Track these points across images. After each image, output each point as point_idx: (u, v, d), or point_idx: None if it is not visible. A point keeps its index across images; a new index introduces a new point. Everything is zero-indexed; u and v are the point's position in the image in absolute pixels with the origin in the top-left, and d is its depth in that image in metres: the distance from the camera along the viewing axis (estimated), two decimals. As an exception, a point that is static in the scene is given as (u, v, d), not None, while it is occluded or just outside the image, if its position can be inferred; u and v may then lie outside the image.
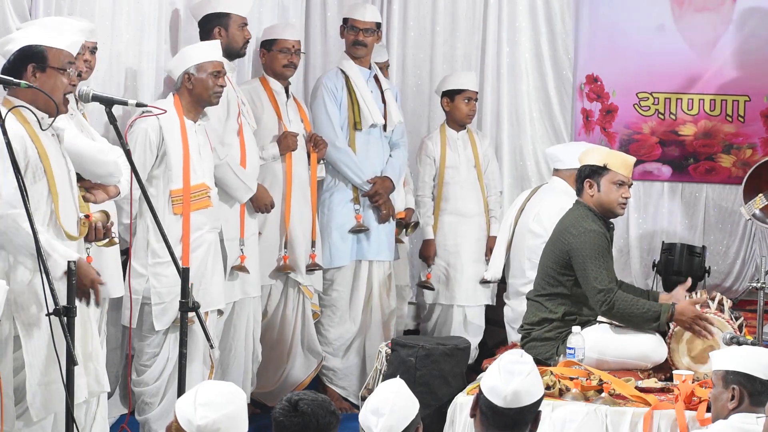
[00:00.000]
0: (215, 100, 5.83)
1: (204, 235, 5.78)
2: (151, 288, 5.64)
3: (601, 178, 5.65)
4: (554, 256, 5.65)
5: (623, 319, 5.52)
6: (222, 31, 6.24)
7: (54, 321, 4.00)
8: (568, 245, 5.56)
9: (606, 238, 5.60)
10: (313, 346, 6.89)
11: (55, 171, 4.41)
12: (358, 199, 6.92)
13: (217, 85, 5.79)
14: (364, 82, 6.95)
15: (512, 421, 3.51)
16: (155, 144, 5.66)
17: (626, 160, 5.70)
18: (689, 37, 8.15)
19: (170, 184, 5.68)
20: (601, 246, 5.54)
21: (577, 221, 5.62)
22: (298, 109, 6.81)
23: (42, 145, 4.38)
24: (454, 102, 7.32)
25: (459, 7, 8.18)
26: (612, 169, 5.63)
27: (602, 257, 5.52)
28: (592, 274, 5.48)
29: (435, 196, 7.34)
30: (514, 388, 3.49)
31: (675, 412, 4.91)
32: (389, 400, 3.62)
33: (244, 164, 6.19)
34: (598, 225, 5.60)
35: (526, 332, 5.74)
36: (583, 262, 5.50)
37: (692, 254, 7.42)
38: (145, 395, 5.74)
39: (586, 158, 5.76)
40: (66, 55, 4.46)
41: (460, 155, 7.35)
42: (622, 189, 5.65)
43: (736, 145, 8.16)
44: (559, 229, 5.71)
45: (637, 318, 5.49)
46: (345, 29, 7.01)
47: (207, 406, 3.36)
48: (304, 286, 6.74)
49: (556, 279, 5.64)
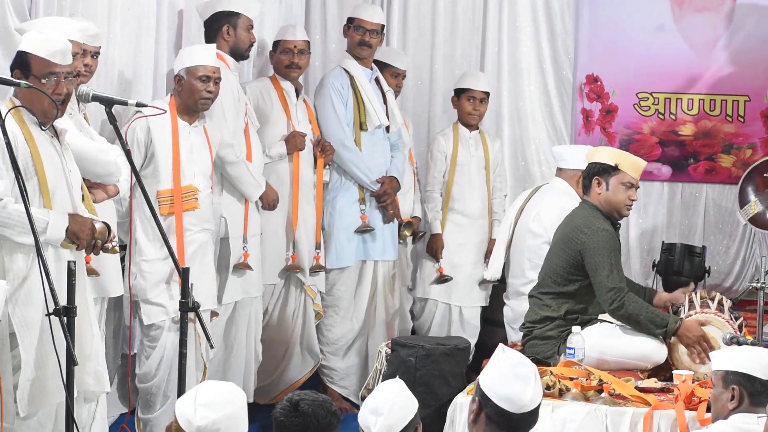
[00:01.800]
0: (201, 106, 5.79)
1: (192, 235, 5.77)
2: (136, 285, 5.65)
3: (610, 178, 5.64)
4: (565, 255, 5.64)
5: (630, 321, 5.52)
6: (230, 30, 6.25)
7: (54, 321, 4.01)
8: (582, 244, 5.56)
9: (617, 238, 5.61)
10: (312, 347, 6.89)
11: (48, 172, 4.42)
12: (364, 199, 6.92)
13: (204, 91, 5.74)
14: (367, 82, 6.96)
15: (525, 424, 3.50)
16: (143, 144, 5.66)
17: (637, 163, 5.71)
18: (689, 37, 8.15)
19: (157, 185, 5.68)
20: (614, 245, 5.56)
21: (588, 221, 5.61)
22: (307, 110, 6.82)
23: (36, 146, 4.39)
24: (459, 101, 7.34)
25: (459, 7, 8.17)
26: (623, 169, 5.63)
27: (614, 256, 5.53)
28: (604, 272, 5.49)
29: (444, 193, 7.34)
30: (531, 396, 3.47)
31: (675, 412, 4.91)
32: (388, 399, 3.62)
33: (250, 162, 6.22)
34: (608, 224, 5.61)
35: (528, 330, 5.74)
36: (596, 260, 5.51)
37: (692, 254, 7.42)
38: (143, 392, 5.75)
39: (596, 156, 5.75)
40: (47, 64, 4.42)
41: (472, 155, 7.34)
42: (630, 191, 5.65)
43: (736, 145, 8.16)
44: (569, 228, 5.68)
45: (644, 323, 5.50)
46: (350, 29, 7.00)
47: (207, 407, 3.37)
48: (307, 285, 6.75)
49: (566, 278, 5.63)
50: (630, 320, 5.53)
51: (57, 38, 4.49)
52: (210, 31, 6.29)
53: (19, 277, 4.37)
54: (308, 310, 6.84)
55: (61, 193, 4.48)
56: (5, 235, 4.33)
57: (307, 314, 6.85)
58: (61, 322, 3.97)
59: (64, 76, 4.45)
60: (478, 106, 7.34)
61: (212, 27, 6.28)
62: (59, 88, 4.44)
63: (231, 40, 6.25)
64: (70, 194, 4.54)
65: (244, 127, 6.28)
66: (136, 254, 5.67)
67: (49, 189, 4.42)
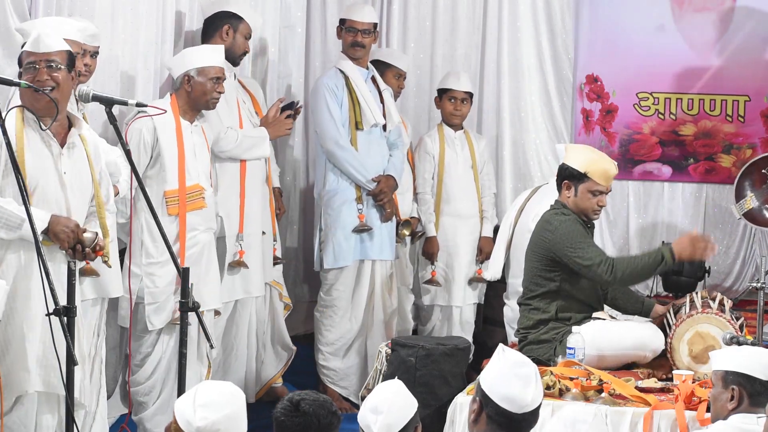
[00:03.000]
0: (212, 105, 5.84)
1: (198, 235, 5.78)
2: (144, 288, 5.65)
3: (579, 184, 5.66)
4: (537, 256, 5.69)
5: (632, 277, 5.60)
6: (230, 31, 6.29)
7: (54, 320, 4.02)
8: (549, 242, 5.61)
9: (580, 222, 5.62)
10: (284, 340, 6.88)
11: (30, 170, 4.45)
12: (361, 198, 6.92)
13: (215, 91, 5.79)
14: (363, 81, 6.95)
15: (526, 423, 3.51)
16: (149, 144, 5.66)
17: (608, 171, 5.66)
18: (689, 37, 8.15)
19: (164, 185, 5.68)
20: (577, 230, 5.58)
21: (551, 217, 5.67)
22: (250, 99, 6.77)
23: (22, 142, 4.41)
24: (441, 101, 7.36)
25: (459, 7, 8.17)
26: (592, 177, 5.64)
27: (582, 237, 5.57)
28: (578, 257, 5.52)
29: (434, 194, 7.35)
30: (533, 396, 3.48)
31: (675, 412, 4.90)
32: (388, 399, 3.63)
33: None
34: (571, 216, 5.63)
35: (523, 336, 5.75)
36: (567, 252, 5.55)
37: (692, 254, 7.41)
38: (138, 394, 5.76)
39: (570, 157, 5.75)
40: (27, 55, 4.51)
41: (458, 154, 7.37)
42: (599, 197, 5.67)
43: (736, 145, 8.16)
44: (536, 233, 5.76)
45: (644, 269, 5.56)
46: (342, 30, 7.01)
47: (207, 407, 3.36)
48: (272, 280, 6.72)
49: (544, 278, 5.67)
50: (632, 277, 5.60)
51: (36, 29, 4.54)
52: (209, 29, 6.30)
53: (8, 274, 4.40)
54: (275, 303, 6.84)
55: (42, 191, 4.50)
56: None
57: (275, 307, 6.83)
58: (61, 322, 3.97)
59: (45, 64, 4.47)
60: (460, 107, 7.34)
61: (213, 24, 6.29)
62: (38, 74, 4.48)
63: (228, 41, 6.27)
64: (65, 195, 4.54)
65: (238, 123, 6.33)
66: (143, 256, 5.66)
67: (29, 186, 4.42)
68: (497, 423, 3.49)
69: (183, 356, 4.53)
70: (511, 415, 3.47)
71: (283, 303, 6.91)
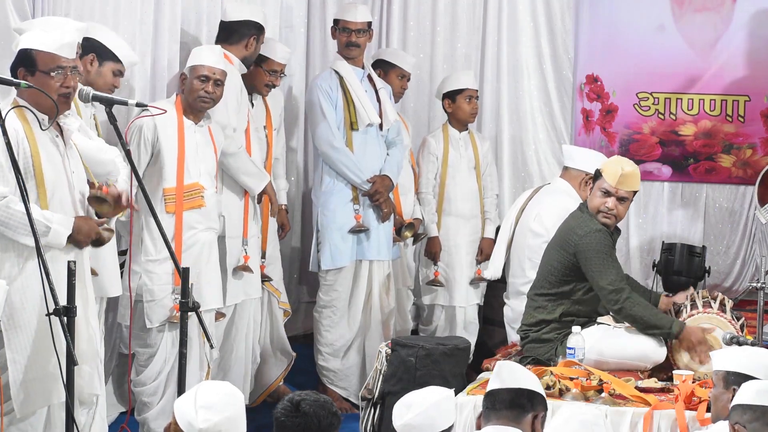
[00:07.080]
0: (199, 105, 5.79)
1: (197, 234, 5.78)
2: (143, 285, 5.65)
3: (595, 182, 5.68)
4: (559, 257, 5.65)
5: (634, 321, 5.54)
6: (254, 42, 6.31)
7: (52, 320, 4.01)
8: (575, 246, 5.58)
9: (611, 238, 5.61)
10: (284, 346, 6.88)
11: (47, 172, 4.42)
12: (358, 199, 6.91)
13: (202, 90, 5.74)
14: (358, 81, 6.93)
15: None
16: (150, 142, 5.67)
17: (616, 171, 5.60)
18: (689, 37, 8.14)
19: (163, 183, 5.68)
20: (607, 245, 5.55)
21: (583, 222, 5.63)
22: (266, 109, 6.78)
23: (36, 145, 4.40)
24: (456, 102, 7.33)
25: (459, 7, 8.17)
26: (603, 175, 5.64)
27: (609, 257, 5.54)
28: (600, 275, 5.51)
29: (437, 194, 7.35)
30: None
31: (675, 412, 4.91)
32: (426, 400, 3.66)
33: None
34: (602, 226, 5.61)
35: (525, 333, 5.75)
36: (590, 264, 5.52)
37: (692, 254, 7.42)
38: (143, 395, 5.76)
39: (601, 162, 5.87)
40: (54, 58, 4.45)
41: (462, 155, 7.36)
42: (607, 198, 5.62)
43: (736, 145, 8.15)
44: (565, 229, 5.71)
45: (648, 325, 5.52)
46: (336, 31, 7.00)
47: (208, 409, 3.36)
48: (268, 283, 6.71)
49: (561, 279, 5.65)
50: (634, 321, 5.54)
51: (63, 32, 4.52)
52: (233, 35, 6.28)
53: (11, 276, 4.38)
54: (274, 309, 6.83)
55: (60, 193, 4.48)
56: (6, 234, 4.33)
57: (274, 314, 6.83)
58: (61, 322, 3.97)
59: (69, 69, 4.47)
60: (475, 105, 7.36)
61: (239, 30, 6.30)
62: (67, 81, 4.47)
63: (250, 51, 6.33)
64: (72, 195, 4.54)
65: (246, 126, 6.29)
66: (141, 254, 5.67)
67: (48, 189, 4.42)
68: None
69: (183, 356, 4.53)
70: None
71: (282, 309, 6.90)
